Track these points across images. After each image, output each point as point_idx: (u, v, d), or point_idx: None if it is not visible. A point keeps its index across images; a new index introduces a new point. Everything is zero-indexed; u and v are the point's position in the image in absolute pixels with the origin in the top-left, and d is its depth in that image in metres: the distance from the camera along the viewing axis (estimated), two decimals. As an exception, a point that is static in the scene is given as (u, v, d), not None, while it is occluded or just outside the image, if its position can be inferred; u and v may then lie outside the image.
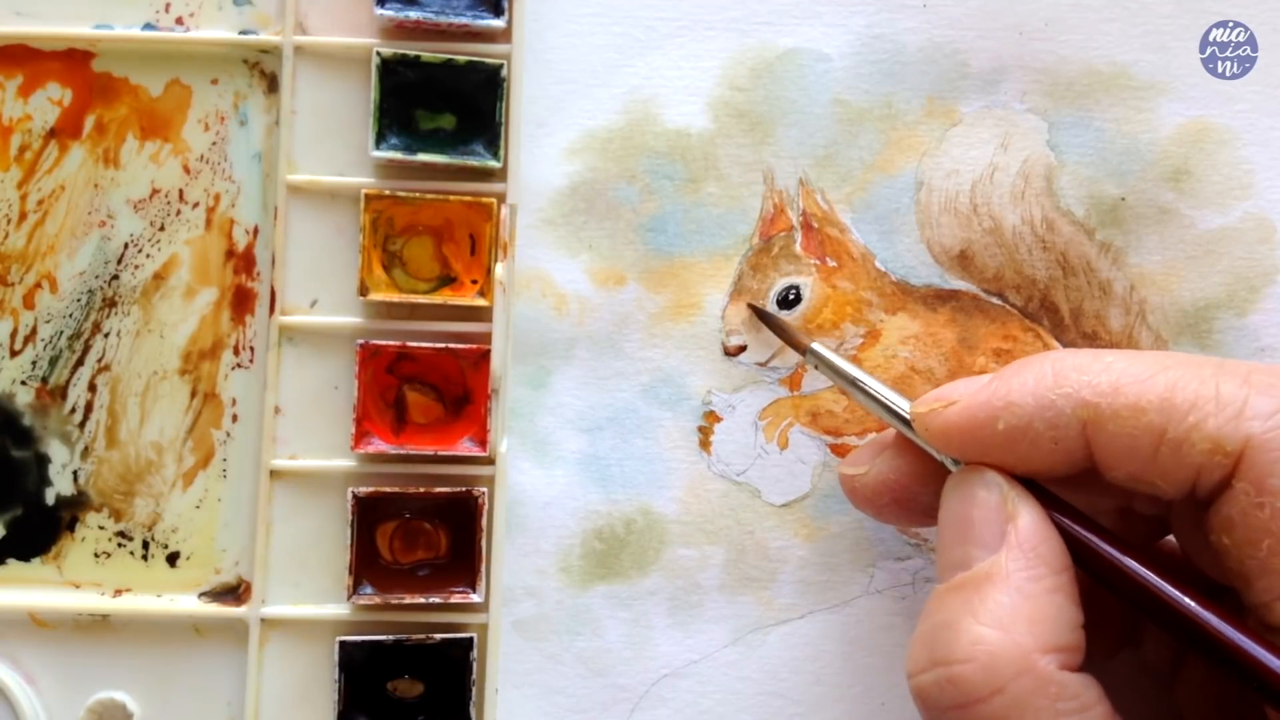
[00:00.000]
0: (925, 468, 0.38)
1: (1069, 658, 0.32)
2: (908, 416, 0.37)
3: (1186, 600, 0.32)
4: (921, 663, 0.33)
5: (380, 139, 0.42)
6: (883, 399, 0.38)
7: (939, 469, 0.37)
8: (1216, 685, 0.37)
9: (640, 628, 0.42)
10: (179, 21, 0.43)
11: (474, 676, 0.41)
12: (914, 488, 0.38)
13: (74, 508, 0.42)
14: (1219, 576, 0.35)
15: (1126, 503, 0.38)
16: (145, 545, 0.42)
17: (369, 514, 0.41)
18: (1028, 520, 0.34)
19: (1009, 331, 0.43)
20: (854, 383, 0.39)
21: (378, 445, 0.41)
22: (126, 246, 0.43)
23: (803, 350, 0.41)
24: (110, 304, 0.42)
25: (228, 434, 0.42)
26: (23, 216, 0.43)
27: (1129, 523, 0.38)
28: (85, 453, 0.42)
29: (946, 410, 0.35)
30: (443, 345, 0.41)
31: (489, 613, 0.41)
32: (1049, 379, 0.34)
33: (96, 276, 0.43)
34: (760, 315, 0.43)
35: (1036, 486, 0.35)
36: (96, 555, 0.42)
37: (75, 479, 0.42)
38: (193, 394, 0.42)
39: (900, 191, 0.43)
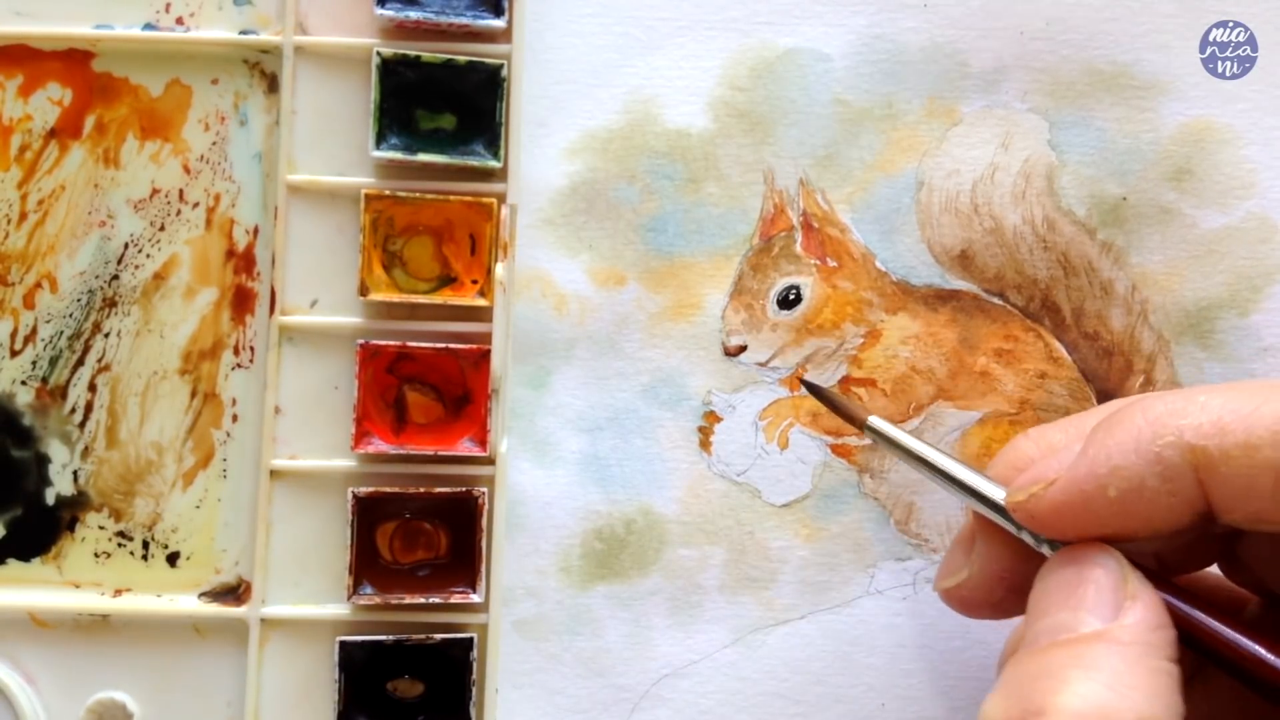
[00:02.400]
0: (1026, 547, 0.35)
1: None
2: (1002, 504, 0.34)
3: None
4: (1010, 713, 0.30)
5: (380, 139, 0.42)
6: (972, 486, 0.35)
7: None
8: (1238, 705, 0.36)
9: (640, 628, 0.42)
10: (179, 21, 0.43)
11: (474, 676, 0.41)
12: (1022, 569, 0.35)
13: (74, 508, 0.42)
14: None
15: (1204, 532, 0.35)
16: (145, 545, 0.42)
17: (369, 514, 0.41)
18: (1147, 602, 0.31)
19: (1010, 331, 0.43)
20: (930, 465, 0.36)
21: (378, 445, 0.41)
22: (127, 246, 0.43)
23: (860, 425, 0.38)
24: (110, 304, 0.43)
25: (228, 434, 0.42)
26: (23, 216, 0.43)
27: (1198, 545, 0.37)
28: (85, 453, 0.42)
29: (1048, 492, 0.33)
30: (443, 345, 0.41)
31: (489, 613, 0.41)
32: (1147, 432, 0.32)
33: (97, 276, 0.43)
34: (812, 390, 0.41)
35: (1149, 572, 0.33)
36: (96, 555, 0.42)
37: (75, 479, 0.42)
38: (193, 394, 0.42)
39: (901, 191, 0.43)
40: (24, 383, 0.42)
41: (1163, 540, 0.34)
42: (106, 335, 0.43)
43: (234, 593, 0.42)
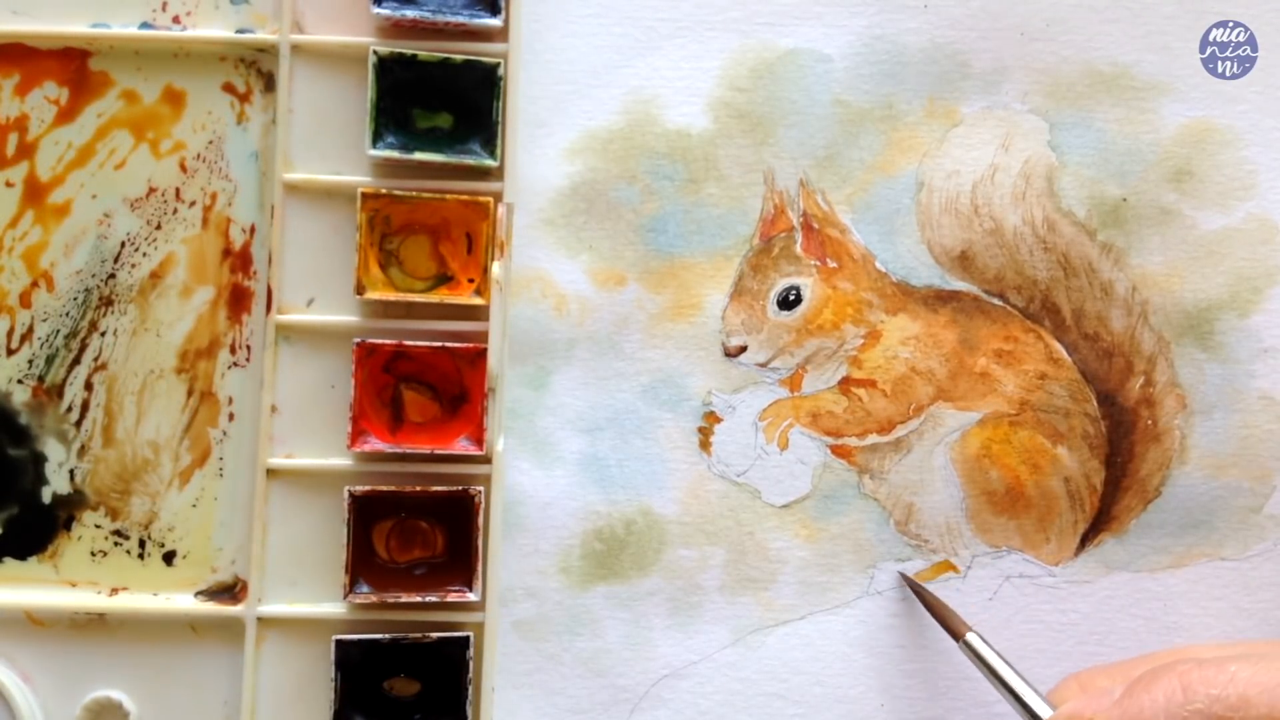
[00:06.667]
0: None
1: None
2: None
3: None
4: None
5: (377, 138, 0.41)
6: (1028, 704, 0.38)
7: None
8: None
9: (640, 628, 0.42)
10: (176, 20, 0.43)
11: (470, 675, 0.40)
12: None
13: (70, 506, 0.42)
14: None
15: None
16: (142, 544, 0.42)
17: (365, 513, 0.41)
18: None
19: (1010, 332, 0.43)
20: (999, 677, 0.39)
21: (374, 444, 0.41)
22: (123, 245, 0.43)
23: (959, 636, 0.41)
24: (107, 302, 0.42)
25: (224, 433, 0.42)
26: (20, 215, 0.43)
27: None
28: (82, 451, 0.42)
29: None
30: (439, 344, 0.41)
31: (486, 611, 0.41)
32: (1179, 695, 0.34)
33: (93, 275, 0.43)
34: (911, 586, 0.43)
35: None
36: (93, 554, 0.42)
37: (72, 478, 0.42)
38: (189, 393, 0.42)
39: (901, 192, 0.43)
40: (20, 381, 0.42)
41: None
42: (103, 334, 0.42)
43: (230, 591, 0.42)
